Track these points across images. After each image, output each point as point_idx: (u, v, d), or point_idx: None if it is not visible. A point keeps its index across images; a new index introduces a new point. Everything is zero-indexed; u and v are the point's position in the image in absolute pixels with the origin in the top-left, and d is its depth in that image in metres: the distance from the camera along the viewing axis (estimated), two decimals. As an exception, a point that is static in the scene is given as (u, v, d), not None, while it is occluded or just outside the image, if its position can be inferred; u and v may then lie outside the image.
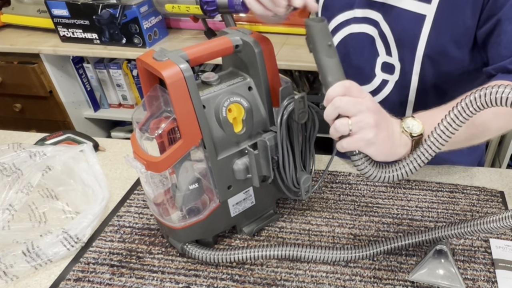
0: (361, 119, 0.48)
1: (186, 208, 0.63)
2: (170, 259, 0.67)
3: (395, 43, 0.70)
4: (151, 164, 0.56)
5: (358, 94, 0.49)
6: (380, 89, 0.77)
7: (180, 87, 0.52)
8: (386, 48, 0.71)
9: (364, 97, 0.49)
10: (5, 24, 1.75)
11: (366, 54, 0.75)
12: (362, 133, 0.48)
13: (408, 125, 0.52)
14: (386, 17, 0.69)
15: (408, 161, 0.50)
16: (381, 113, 0.51)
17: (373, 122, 0.48)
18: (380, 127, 0.49)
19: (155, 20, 1.58)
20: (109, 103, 1.89)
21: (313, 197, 0.79)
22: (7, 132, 1.01)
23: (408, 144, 0.52)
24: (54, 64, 1.68)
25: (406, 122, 0.52)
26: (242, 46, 0.59)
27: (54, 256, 0.65)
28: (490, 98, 0.41)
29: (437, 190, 0.80)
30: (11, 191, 0.70)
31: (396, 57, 0.71)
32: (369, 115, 0.48)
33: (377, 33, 0.72)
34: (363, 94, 0.49)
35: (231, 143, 0.60)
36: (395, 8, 0.67)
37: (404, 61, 0.70)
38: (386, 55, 0.72)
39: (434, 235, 0.62)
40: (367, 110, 0.48)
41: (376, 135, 0.48)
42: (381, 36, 0.72)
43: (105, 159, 0.91)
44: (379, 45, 0.72)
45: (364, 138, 0.48)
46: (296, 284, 0.62)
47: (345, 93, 0.48)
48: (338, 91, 0.48)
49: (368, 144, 0.48)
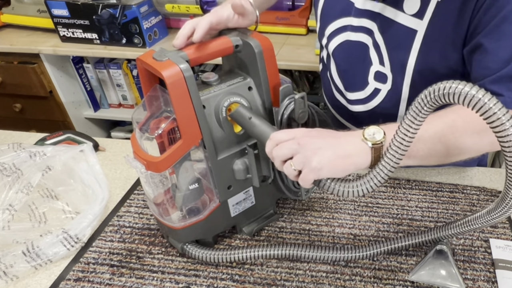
0: (298, 156, 0.50)
1: (186, 208, 0.63)
2: (170, 259, 0.67)
3: (388, 53, 0.71)
4: (151, 164, 0.56)
5: (286, 137, 0.52)
6: (372, 97, 0.78)
7: (180, 87, 0.52)
8: (380, 58, 0.72)
9: (293, 137, 0.51)
10: (5, 24, 1.75)
11: (360, 62, 0.76)
12: (306, 167, 0.50)
13: (370, 133, 0.51)
14: (380, 28, 0.70)
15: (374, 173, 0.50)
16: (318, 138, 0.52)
17: (310, 152, 0.50)
18: (320, 151, 0.50)
19: (155, 20, 1.58)
20: (109, 103, 1.89)
21: (313, 197, 0.79)
22: (7, 132, 1.01)
23: (367, 151, 0.51)
24: (54, 64, 1.68)
25: (368, 130, 0.52)
26: (242, 46, 0.59)
27: (54, 256, 0.65)
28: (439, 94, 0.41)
29: (437, 190, 0.80)
30: (11, 191, 0.70)
31: (389, 68, 0.72)
32: (303, 149, 0.50)
33: (371, 42, 0.73)
34: (290, 135, 0.52)
35: (231, 143, 0.60)
36: (390, 20, 0.68)
37: (396, 72, 0.71)
38: (379, 65, 0.73)
39: (435, 235, 0.62)
40: (299, 145, 0.50)
41: (319, 161, 0.49)
42: (375, 46, 0.72)
43: (105, 159, 0.91)
44: (373, 54, 0.73)
45: (310, 169, 0.49)
46: (296, 284, 0.62)
47: (276, 143, 0.52)
48: (270, 145, 0.53)
49: (316, 171, 0.50)
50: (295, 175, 0.51)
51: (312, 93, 1.73)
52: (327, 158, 0.50)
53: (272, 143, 0.53)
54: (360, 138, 0.51)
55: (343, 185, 0.51)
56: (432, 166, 0.68)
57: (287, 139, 0.51)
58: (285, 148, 0.51)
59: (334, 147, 0.51)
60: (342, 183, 0.51)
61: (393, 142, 0.47)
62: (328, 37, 0.79)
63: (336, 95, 0.84)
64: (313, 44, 1.52)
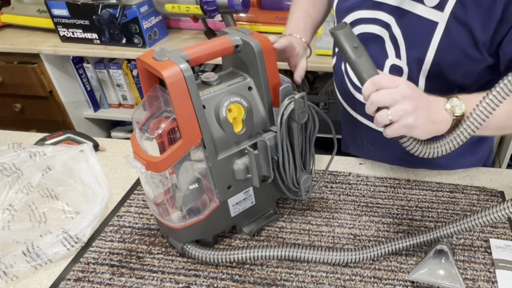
0: (398, 108, 0.52)
1: (186, 208, 0.63)
2: (170, 259, 0.67)
3: (405, 47, 0.70)
4: (151, 164, 0.56)
5: (389, 84, 0.52)
6: None
7: (180, 87, 0.52)
8: (396, 51, 0.71)
9: (397, 86, 0.52)
10: (5, 24, 1.74)
11: (375, 55, 0.75)
12: (402, 121, 0.52)
13: (453, 104, 0.55)
14: (398, 20, 0.69)
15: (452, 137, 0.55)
16: (418, 96, 0.54)
17: (410, 108, 0.51)
18: (418, 110, 0.52)
19: (155, 20, 1.58)
20: (109, 103, 1.89)
21: (313, 197, 0.79)
22: (7, 132, 1.01)
23: (448, 121, 0.55)
24: (54, 64, 1.68)
25: (451, 101, 0.56)
26: (242, 46, 0.59)
27: (54, 256, 0.65)
28: None
29: (437, 190, 0.80)
30: (11, 191, 0.70)
31: (405, 61, 0.71)
32: (405, 103, 0.52)
33: (387, 35, 0.72)
34: (395, 83, 0.52)
35: (231, 143, 0.60)
36: (409, 13, 0.67)
37: (412, 65, 0.71)
38: (395, 58, 0.72)
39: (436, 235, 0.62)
40: (403, 98, 0.51)
41: (415, 119, 0.52)
42: (392, 39, 0.72)
43: (105, 159, 0.91)
44: (389, 47, 0.73)
45: (404, 124, 0.52)
46: (296, 284, 0.62)
47: (377, 88, 0.52)
48: (370, 88, 0.53)
49: (410, 128, 0.53)
50: (385, 124, 0.53)
51: (312, 93, 1.74)
52: (422, 119, 0.53)
53: (373, 87, 0.53)
54: (444, 107, 0.55)
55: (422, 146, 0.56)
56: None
57: (390, 87, 0.52)
58: (387, 96, 0.52)
59: (428, 110, 0.54)
60: (422, 144, 0.56)
61: (472, 115, 0.53)
62: None
63: (350, 89, 0.83)
64: (313, 44, 1.52)
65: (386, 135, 0.54)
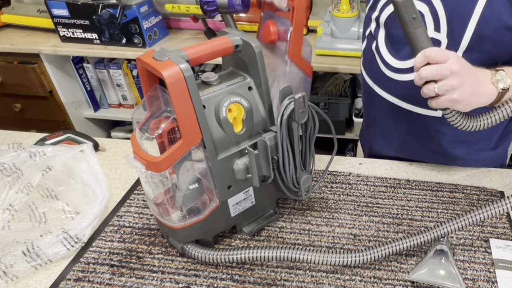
0: (445, 83, 0.55)
1: (186, 208, 0.63)
2: (170, 259, 0.67)
3: (446, 19, 0.70)
4: (151, 164, 0.56)
5: (440, 58, 0.55)
6: None
7: (180, 87, 0.52)
8: (436, 24, 0.71)
9: (446, 60, 0.54)
10: (5, 24, 1.74)
11: None
12: (448, 95, 0.55)
13: (499, 77, 0.57)
14: None
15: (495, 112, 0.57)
16: (465, 71, 0.56)
17: (457, 83, 0.54)
18: (464, 86, 0.54)
19: (155, 20, 1.58)
20: (109, 103, 1.89)
21: (313, 197, 0.79)
22: (7, 132, 1.01)
23: (494, 94, 0.58)
24: (54, 64, 1.68)
25: (499, 74, 0.58)
26: (242, 46, 0.59)
27: (54, 256, 0.65)
28: None
29: (437, 190, 0.80)
30: (11, 191, 0.70)
31: (445, 33, 0.70)
32: (452, 78, 0.54)
33: (428, 10, 0.71)
34: (444, 58, 0.55)
35: (231, 143, 0.60)
36: None
37: (452, 37, 0.70)
38: (434, 31, 0.72)
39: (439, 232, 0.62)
40: (450, 73, 0.54)
41: (460, 94, 0.55)
42: (432, 13, 0.71)
43: (105, 159, 0.91)
44: (429, 21, 0.72)
45: (450, 99, 0.55)
46: (296, 284, 0.62)
47: (428, 61, 0.55)
48: (421, 60, 0.56)
49: (454, 103, 0.56)
50: (431, 96, 0.57)
51: (312, 93, 1.73)
52: (467, 94, 0.56)
53: (424, 59, 0.55)
54: (490, 80, 0.57)
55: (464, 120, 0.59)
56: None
57: (440, 61, 0.55)
58: (435, 71, 0.55)
59: (474, 86, 0.56)
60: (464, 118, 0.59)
61: None
62: (380, 9, 0.78)
63: (381, 68, 0.82)
64: (313, 44, 1.52)
65: (431, 105, 0.57)
